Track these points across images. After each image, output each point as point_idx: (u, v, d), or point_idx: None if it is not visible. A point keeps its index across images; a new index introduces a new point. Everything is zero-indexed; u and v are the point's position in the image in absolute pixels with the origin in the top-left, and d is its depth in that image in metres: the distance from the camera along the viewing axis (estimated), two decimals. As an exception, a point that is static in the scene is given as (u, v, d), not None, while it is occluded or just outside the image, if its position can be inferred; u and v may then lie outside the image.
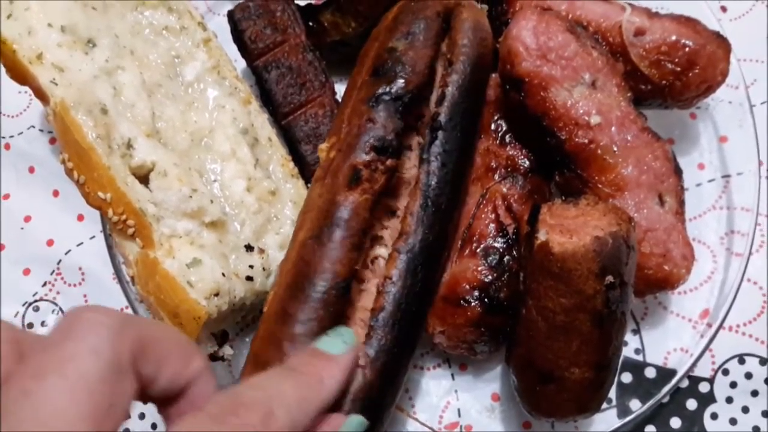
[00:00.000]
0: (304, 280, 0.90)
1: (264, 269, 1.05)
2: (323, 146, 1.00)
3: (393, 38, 1.00)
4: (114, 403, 0.54)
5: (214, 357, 1.03)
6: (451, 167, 0.98)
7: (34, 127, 1.36)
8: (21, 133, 1.36)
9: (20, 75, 1.02)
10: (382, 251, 0.97)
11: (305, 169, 1.16)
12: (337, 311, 0.89)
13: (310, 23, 1.22)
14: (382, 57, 0.99)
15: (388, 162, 0.94)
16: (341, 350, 0.78)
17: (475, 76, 1.02)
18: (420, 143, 0.99)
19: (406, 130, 0.97)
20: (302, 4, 1.24)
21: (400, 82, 0.96)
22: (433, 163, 0.97)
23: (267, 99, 1.18)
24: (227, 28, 1.19)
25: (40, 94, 1.01)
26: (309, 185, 1.09)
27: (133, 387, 0.57)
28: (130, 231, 0.98)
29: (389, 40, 1.00)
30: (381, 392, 0.91)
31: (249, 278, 1.03)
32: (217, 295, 0.96)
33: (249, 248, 1.04)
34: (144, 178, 1.01)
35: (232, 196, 1.06)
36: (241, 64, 1.21)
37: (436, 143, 0.98)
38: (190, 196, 0.99)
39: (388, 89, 0.96)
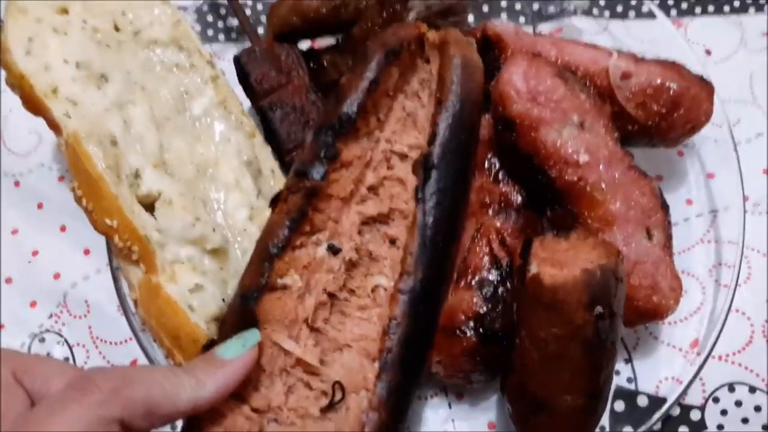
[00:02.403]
0: (235, 295, 0.99)
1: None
2: None
3: (345, 75, 1.06)
4: (8, 408, 0.72)
5: None
6: (447, 205, 1.01)
7: (43, 165, 1.39)
8: (31, 171, 1.39)
9: (35, 107, 1.05)
10: (382, 281, 0.99)
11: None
12: (243, 320, 0.93)
13: (311, 64, 1.26)
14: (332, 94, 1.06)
15: (303, 183, 0.98)
16: (236, 354, 0.86)
17: (465, 112, 1.04)
18: (414, 182, 1.03)
19: (355, 151, 1.03)
20: (305, 46, 1.29)
21: (332, 111, 1.02)
22: (428, 203, 1.00)
23: (272, 137, 1.21)
24: (230, 71, 1.23)
25: (54, 126, 1.03)
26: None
27: (23, 396, 0.74)
28: (135, 256, 1.01)
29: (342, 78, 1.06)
30: (394, 427, 0.94)
31: None
32: (217, 319, 0.99)
33: (250, 275, 1.07)
34: (150, 206, 1.03)
35: (235, 224, 1.09)
36: (246, 104, 1.24)
37: (430, 183, 1.00)
38: (193, 225, 1.01)
39: (322, 120, 1.03)
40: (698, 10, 1.42)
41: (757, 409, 1.13)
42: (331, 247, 0.99)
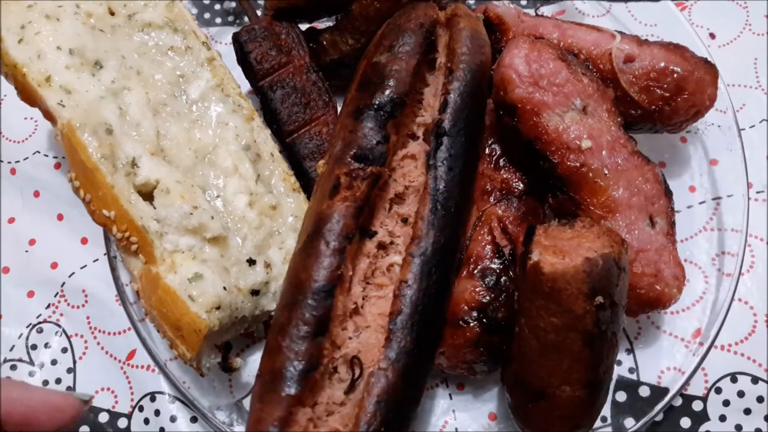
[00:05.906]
0: (293, 290, 0.93)
1: (268, 283, 1.07)
2: (320, 163, 1.05)
3: (377, 53, 1.05)
4: None
5: (225, 368, 1.05)
6: (458, 171, 1.01)
7: (39, 152, 1.38)
8: (27, 158, 1.38)
9: (29, 97, 1.04)
10: (396, 258, 0.99)
11: (309, 185, 1.17)
12: (321, 315, 0.91)
13: (311, 44, 1.25)
14: (367, 72, 1.04)
15: (369, 169, 0.97)
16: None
17: (475, 82, 1.05)
18: (426, 151, 1.02)
19: (394, 137, 1.01)
20: (304, 28, 1.27)
21: (381, 92, 1.01)
22: (440, 168, 1.00)
23: (272, 118, 1.20)
24: (227, 56, 1.21)
25: (49, 116, 1.03)
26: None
27: None
28: (134, 247, 1.01)
29: (374, 56, 1.05)
30: (404, 392, 0.92)
31: (255, 292, 1.05)
32: (218, 308, 0.98)
33: (251, 262, 1.06)
34: (148, 196, 1.03)
35: (234, 211, 1.08)
36: (244, 87, 1.22)
37: (441, 149, 1.01)
38: (191, 213, 1.01)
39: (370, 101, 1.01)
40: (702, -8, 1.40)
41: (760, 399, 1.13)
42: (365, 232, 0.99)
